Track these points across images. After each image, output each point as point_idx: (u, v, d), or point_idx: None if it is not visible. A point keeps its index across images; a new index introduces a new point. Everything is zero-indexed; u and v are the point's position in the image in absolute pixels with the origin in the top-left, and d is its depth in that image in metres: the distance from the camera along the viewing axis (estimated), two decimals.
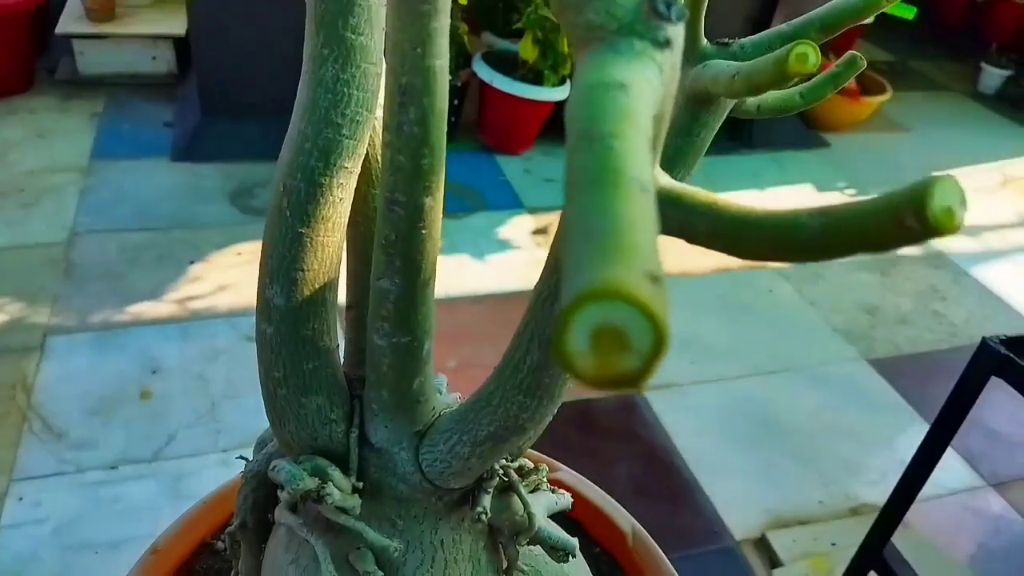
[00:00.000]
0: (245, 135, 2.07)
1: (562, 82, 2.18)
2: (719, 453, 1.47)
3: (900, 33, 3.59)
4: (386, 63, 0.38)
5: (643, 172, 0.21)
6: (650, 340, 0.15)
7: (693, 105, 0.52)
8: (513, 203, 2.12)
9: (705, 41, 0.53)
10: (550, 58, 2.11)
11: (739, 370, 1.67)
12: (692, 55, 0.53)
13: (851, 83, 2.31)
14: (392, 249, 0.43)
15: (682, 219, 0.31)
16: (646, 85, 0.26)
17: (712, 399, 1.59)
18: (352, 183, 0.47)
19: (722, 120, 0.53)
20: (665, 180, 0.32)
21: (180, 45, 2.36)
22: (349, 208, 0.48)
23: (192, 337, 1.59)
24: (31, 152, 2.08)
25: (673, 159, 0.53)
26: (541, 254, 1.93)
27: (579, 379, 0.16)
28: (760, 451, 1.49)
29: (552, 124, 2.31)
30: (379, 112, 0.45)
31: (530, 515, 0.54)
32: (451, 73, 2.21)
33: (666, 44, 0.27)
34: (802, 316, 1.87)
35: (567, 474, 0.80)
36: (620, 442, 1.47)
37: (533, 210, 2.10)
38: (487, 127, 2.31)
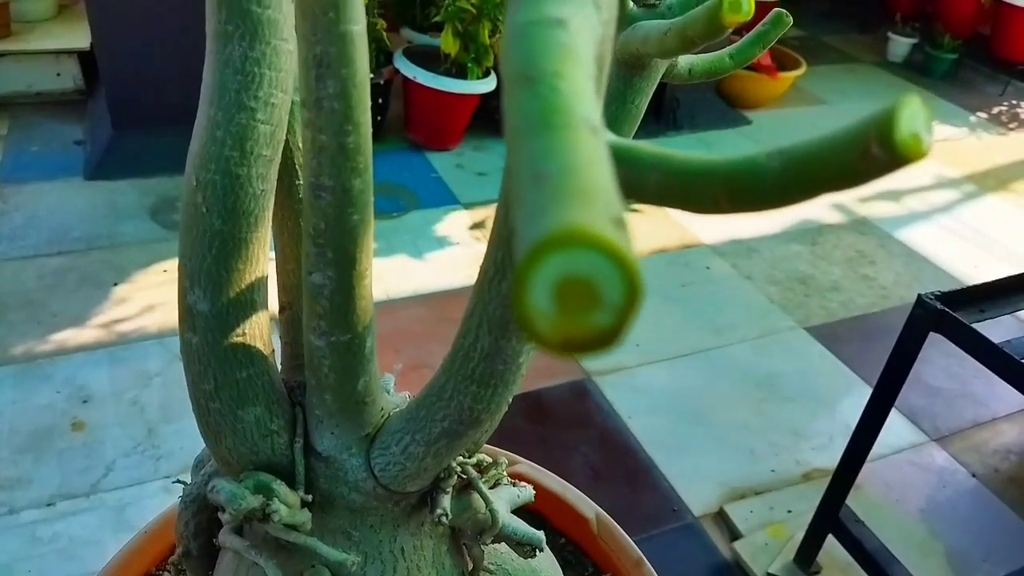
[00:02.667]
0: (161, 148, 1.99)
1: (486, 74, 2.16)
2: (672, 432, 1.47)
3: (810, 9, 3.68)
4: (297, 32, 0.36)
5: (592, 113, 0.18)
6: (622, 290, 0.13)
7: (625, 71, 0.50)
8: (447, 199, 2.09)
9: (631, 4, 0.52)
10: (472, 50, 2.09)
11: (684, 348, 1.68)
12: (620, 19, 0.52)
13: (767, 60, 2.34)
14: (322, 239, 0.40)
15: (629, 175, 0.29)
16: (585, 21, 0.24)
17: (661, 379, 1.60)
18: (273, 173, 0.44)
19: (655, 84, 0.52)
20: (607, 135, 0.30)
21: (86, 59, 2.26)
22: (272, 200, 0.45)
23: (122, 362, 1.52)
24: None
25: (609, 128, 0.52)
26: (480, 248, 1.91)
27: (545, 344, 0.13)
28: (710, 426, 1.50)
29: (480, 117, 2.28)
30: (297, 95, 0.42)
31: (492, 512, 0.52)
32: (372, 71, 2.17)
33: None
34: (740, 290, 1.89)
35: (527, 466, 0.78)
36: (573, 429, 1.46)
37: (469, 205, 2.08)
38: (414, 124, 2.27)
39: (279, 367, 0.51)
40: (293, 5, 0.39)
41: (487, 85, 2.16)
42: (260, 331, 0.46)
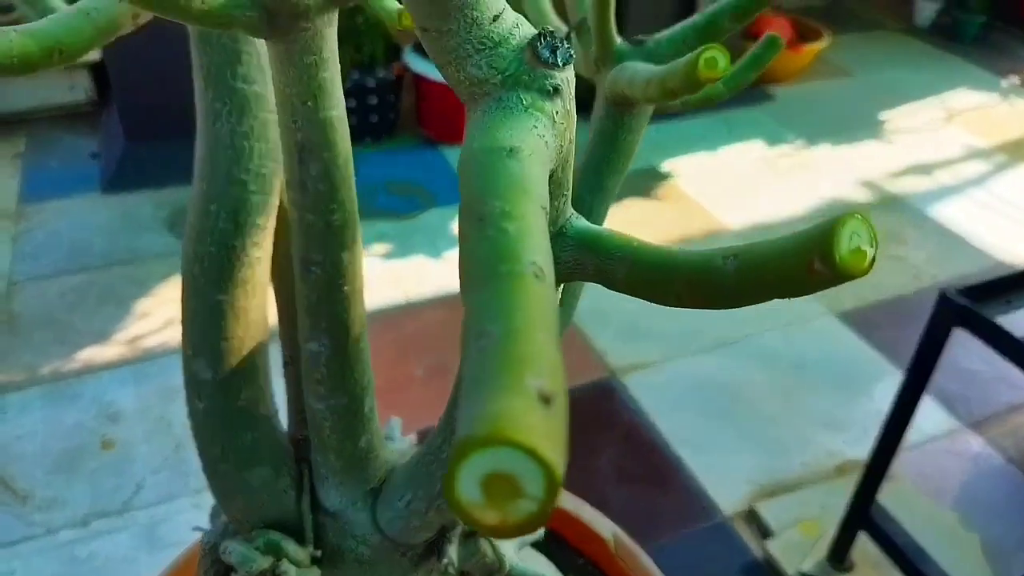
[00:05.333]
0: (174, 158, 1.99)
1: None
2: (699, 428, 1.46)
3: None
4: (278, 117, 0.35)
5: (538, 253, 0.19)
6: (542, 484, 0.14)
7: (615, 109, 0.49)
8: None
9: (619, 40, 0.50)
10: None
11: (709, 340, 1.66)
12: (607, 58, 0.50)
13: (789, 32, 2.29)
14: (316, 311, 0.39)
15: (599, 264, 0.28)
16: (538, 143, 0.23)
17: (687, 373, 1.58)
18: (268, 239, 0.43)
19: (647, 121, 0.50)
20: (580, 224, 0.29)
21: (97, 70, 2.27)
22: (268, 265, 0.44)
23: (147, 378, 1.54)
24: None
25: (602, 168, 0.50)
26: None
27: (477, 527, 0.15)
28: (739, 421, 1.48)
29: None
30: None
31: (500, 557, 0.52)
32: (382, 67, 2.15)
33: (555, 92, 0.24)
34: None
35: None
36: (598, 429, 1.45)
37: None
38: (426, 119, 2.25)
39: (285, 421, 0.50)
40: None
41: None
42: (263, 394, 0.45)
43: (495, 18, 0.24)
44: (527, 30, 0.25)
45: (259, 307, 0.43)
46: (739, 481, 1.36)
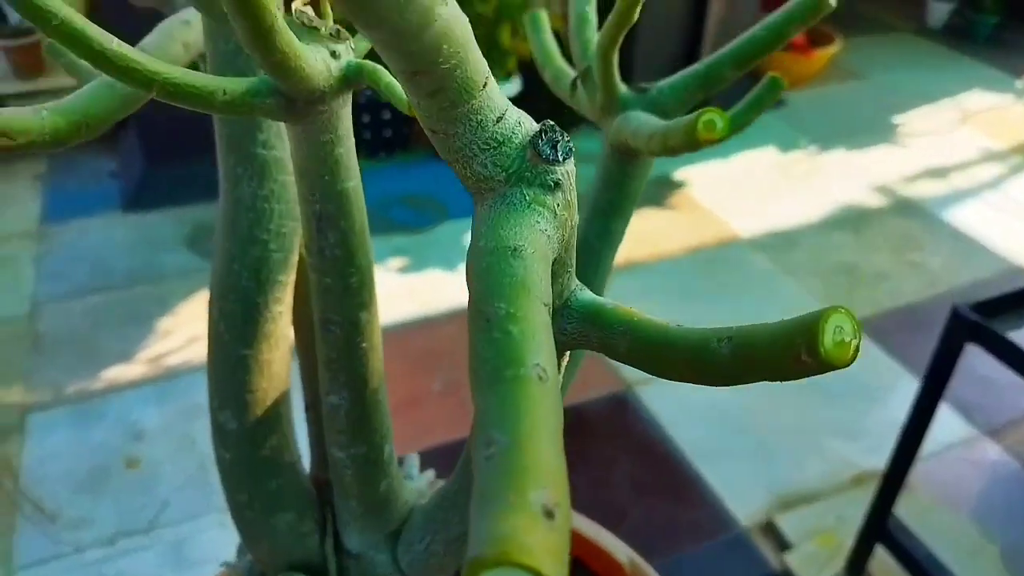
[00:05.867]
0: (193, 176, 2.02)
1: (507, 77, 2.15)
2: (715, 440, 1.46)
3: None
4: (297, 188, 0.36)
5: (540, 354, 0.20)
6: None
7: (620, 156, 0.50)
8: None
9: (624, 88, 0.51)
10: (493, 55, 2.08)
11: None
12: (611, 105, 0.51)
13: (800, 38, 2.28)
14: (335, 366, 0.41)
15: (602, 337, 0.30)
16: (540, 239, 0.25)
17: (701, 386, 1.58)
18: (288, 293, 0.45)
19: (651, 168, 0.51)
20: (584, 296, 0.31)
21: None
22: (289, 317, 0.46)
23: (171, 396, 1.56)
24: None
25: (608, 212, 0.52)
26: None
27: None
28: (755, 432, 1.48)
29: None
30: None
31: None
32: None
33: (556, 186, 0.26)
34: (781, 286, 1.86)
35: None
36: (614, 442, 1.46)
37: None
38: None
39: (309, 464, 0.52)
40: None
41: (511, 88, 2.15)
42: (287, 441, 0.47)
43: (498, 119, 0.26)
44: (529, 127, 0.26)
45: (281, 359, 0.45)
46: (756, 493, 1.37)
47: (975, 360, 1.58)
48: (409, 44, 0.21)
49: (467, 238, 1.98)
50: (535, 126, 0.26)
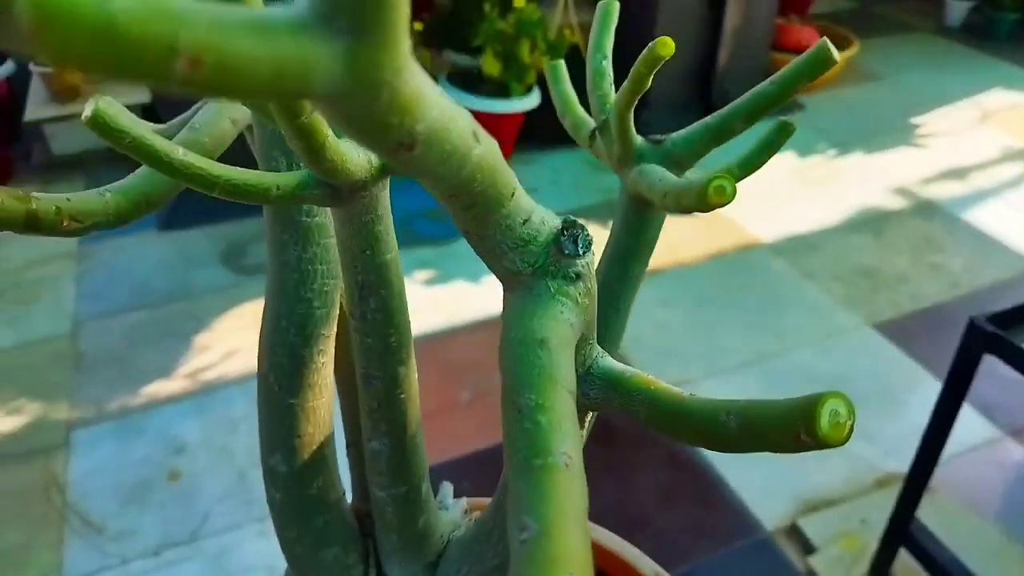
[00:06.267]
0: None
1: (528, 91, 2.19)
2: None
3: None
4: (340, 260, 0.40)
5: (567, 442, 0.24)
6: None
7: (637, 206, 0.53)
8: None
9: (639, 139, 0.54)
10: (513, 70, 2.11)
11: (747, 356, 1.69)
12: (628, 156, 0.55)
13: (817, 41, 2.31)
14: (376, 415, 0.45)
15: (622, 403, 0.33)
16: (564, 329, 0.29)
17: (725, 390, 1.61)
18: (331, 344, 0.49)
19: (666, 216, 0.54)
20: (606, 363, 0.34)
21: (148, 112, 2.37)
22: (332, 366, 0.50)
23: (209, 410, 1.62)
24: (21, 245, 2.10)
25: (627, 258, 0.55)
26: None
27: None
28: None
29: (525, 133, 2.31)
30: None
31: None
32: None
33: (578, 277, 0.30)
34: (801, 291, 1.88)
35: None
36: (641, 449, 1.49)
37: None
38: None
39: (351, 497, 0.56)
40: None
41: (531, 102, 2.18)
42: (332, 481, 0.51)
43: (524, 222, 0.29)
44: (552, 225, 0.30)
45: (325, 405, 0.49)
46: (781, 496, 1.39)
47: (997, 359, 1.59)
48: (448, 183, 0.25)
49: None
50: (558, 223, 0.30)
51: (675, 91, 2.51)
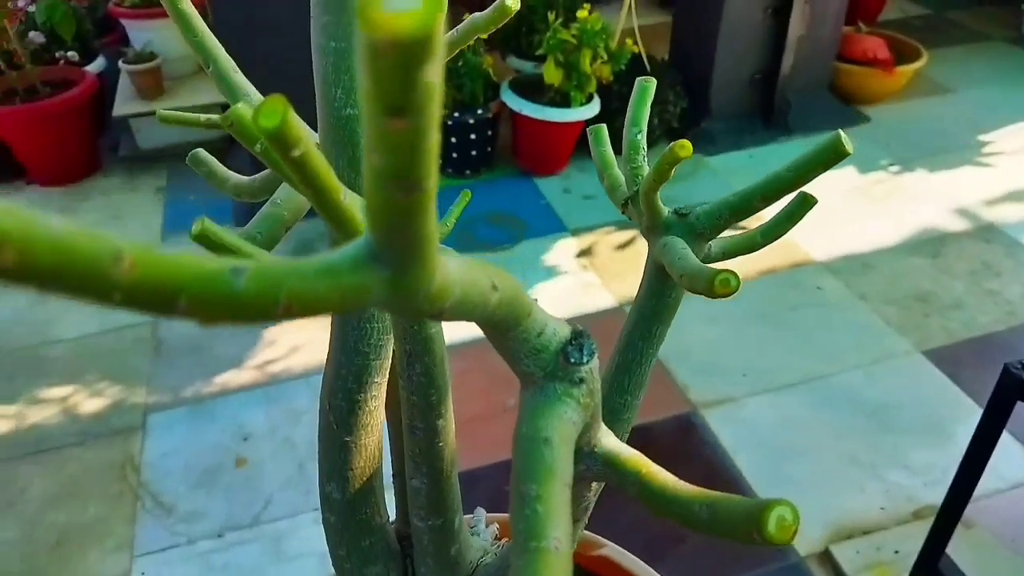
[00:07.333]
0: None
1: (588, 100, 2.23)
2: (778, 466, 1.52)
3: None
4: (392, 331, 0.47)
5: (559, 528, 0.31)
6: None
7: (661, 272, 0.59)
8: (556, 226, 2.18)
9: (666, 212, 0.60)
10: (574, 79, 2.16)
11: (793, 377, 1.71)
12: (656, 227, 0.60)
13: (884, 54, 2.28)
14: (418, 459, 0.52)
15: (618, 480, 0.39)
16: (567, 428, 0.35)
17: (768, 410, 1.64)
18: (383, 390, 0.56)
19: None
20: (607, 443, 0.40)
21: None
22: (383, 408, 0.57)
23: (275, 401, 1.73)
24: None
25: (652, 319, 0.61)
26: (587, 278, 1.99)
27: None
28: (819, 461, 1.53)
29: (585, 140, 2.35)
30: None
31: None
32: (481, 106, 2.28)
33: (581, 381, 0.36)
34: (853, 312, 1.89)
35: (611, 550, 0.88)
36: (678, 465, 1.52)
37: (576, 231, 2.16)
38: (521, 152, 2.37)
39: (394, 518, 0.63)
40: None
41: (590, 111, 2.23)
42: (378, 508, 0.58)
43: (539, 334, 0.36)
44: (562, 335, 0.36)
45: (376, 442, 0.56)
46: (816, 521, 1.42)
47: None
48: (473, 319, 0.31)
49: (544, 257, 2.08)
50: (567, 333, 0.36)
51: (737, 100, 2.52)
